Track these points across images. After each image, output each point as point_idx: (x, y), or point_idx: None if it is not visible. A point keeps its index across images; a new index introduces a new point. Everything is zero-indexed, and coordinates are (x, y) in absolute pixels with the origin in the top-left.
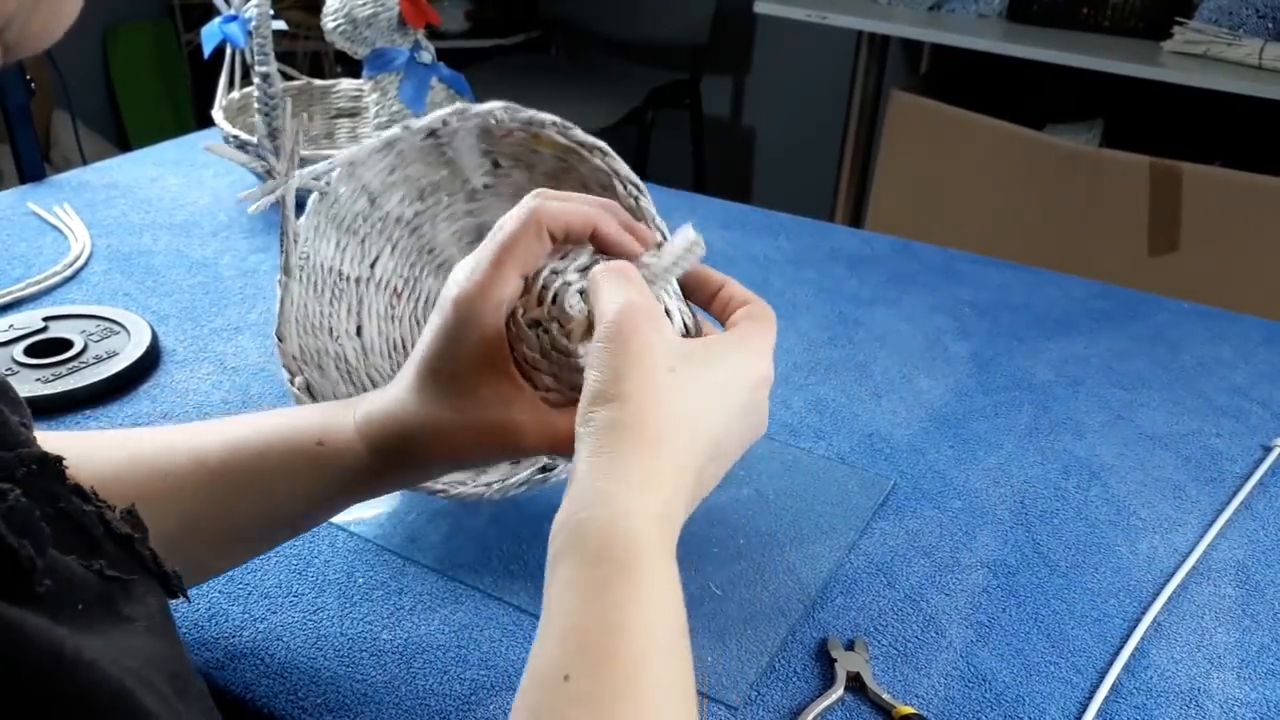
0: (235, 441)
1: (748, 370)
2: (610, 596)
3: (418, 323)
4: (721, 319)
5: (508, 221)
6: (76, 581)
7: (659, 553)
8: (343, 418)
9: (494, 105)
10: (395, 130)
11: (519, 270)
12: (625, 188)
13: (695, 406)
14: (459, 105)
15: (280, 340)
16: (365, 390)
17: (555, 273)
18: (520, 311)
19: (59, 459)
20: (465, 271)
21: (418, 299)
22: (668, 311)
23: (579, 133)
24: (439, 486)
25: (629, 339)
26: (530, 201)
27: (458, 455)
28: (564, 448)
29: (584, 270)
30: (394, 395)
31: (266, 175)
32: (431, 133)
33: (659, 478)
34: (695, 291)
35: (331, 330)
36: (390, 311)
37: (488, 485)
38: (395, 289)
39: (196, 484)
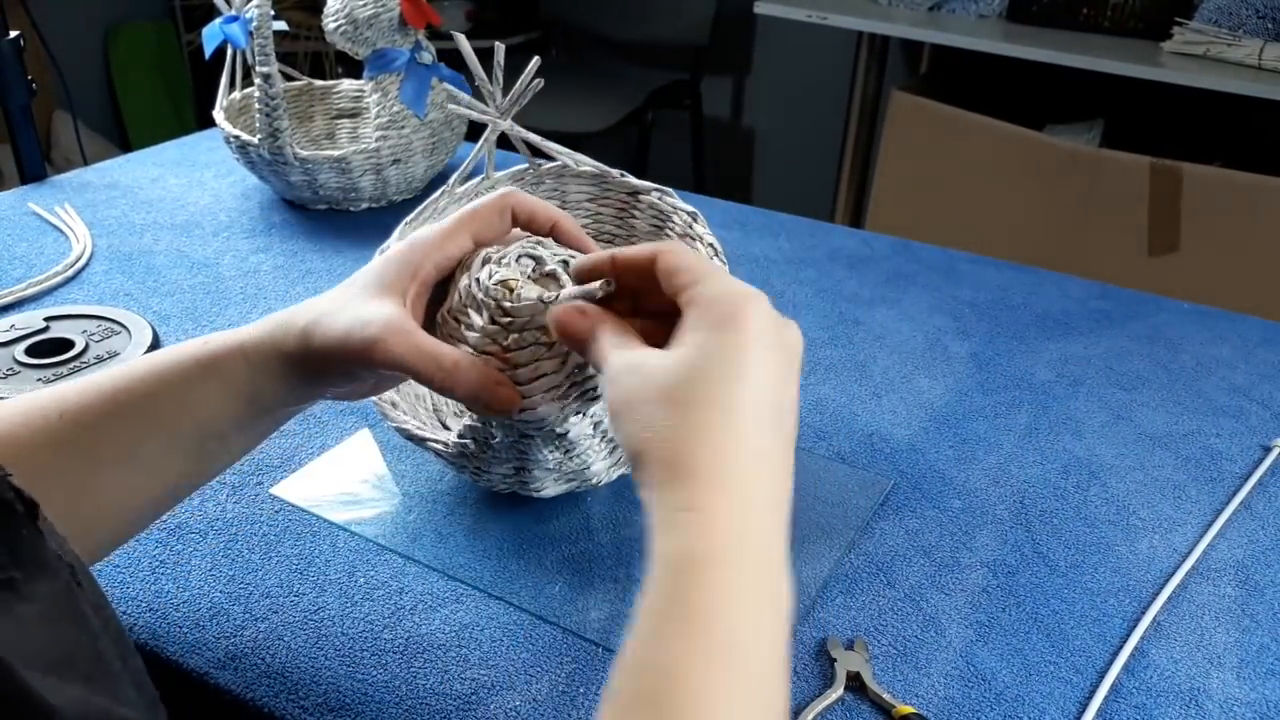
0: (109, 380)
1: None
2: (682, 651)
3: None
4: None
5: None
6: None
7: (741, 569)
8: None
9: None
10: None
11: (474, 234)
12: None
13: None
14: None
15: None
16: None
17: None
18: (469, 273)
19: None
20: (421, 232)
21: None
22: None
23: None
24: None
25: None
26: (504, 189)
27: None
28: (419, 360)
29: (534, 259)
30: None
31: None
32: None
33: (742, 490)
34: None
35: None
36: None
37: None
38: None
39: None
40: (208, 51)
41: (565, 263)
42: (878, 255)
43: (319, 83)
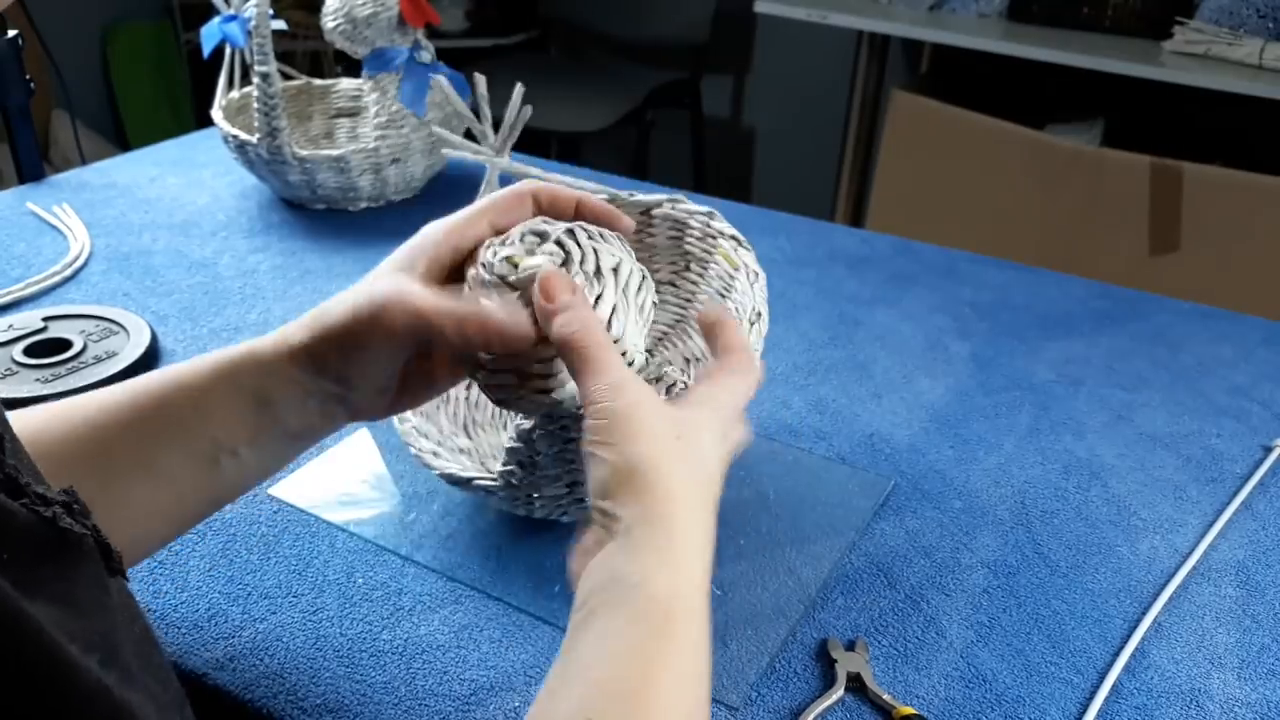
0: (143, 386)
1: (729, 407)
2: (651, 653)
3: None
4: (711, 351)
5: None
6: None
7: (699, 615)
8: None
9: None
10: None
11: (492, 221)
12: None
13: (700, 474)
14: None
15: None
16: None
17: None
18: (489, 253)
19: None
20: (439, 222)
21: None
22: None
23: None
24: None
25: (632, 417)
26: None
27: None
28: (433, 312)
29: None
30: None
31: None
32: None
33: (698, 545)
34: (700, 323)
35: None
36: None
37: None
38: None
39: (110, 424)
40: (206, 51)
41: (571, 231)
42: (878, 255)
43: (318, 82)
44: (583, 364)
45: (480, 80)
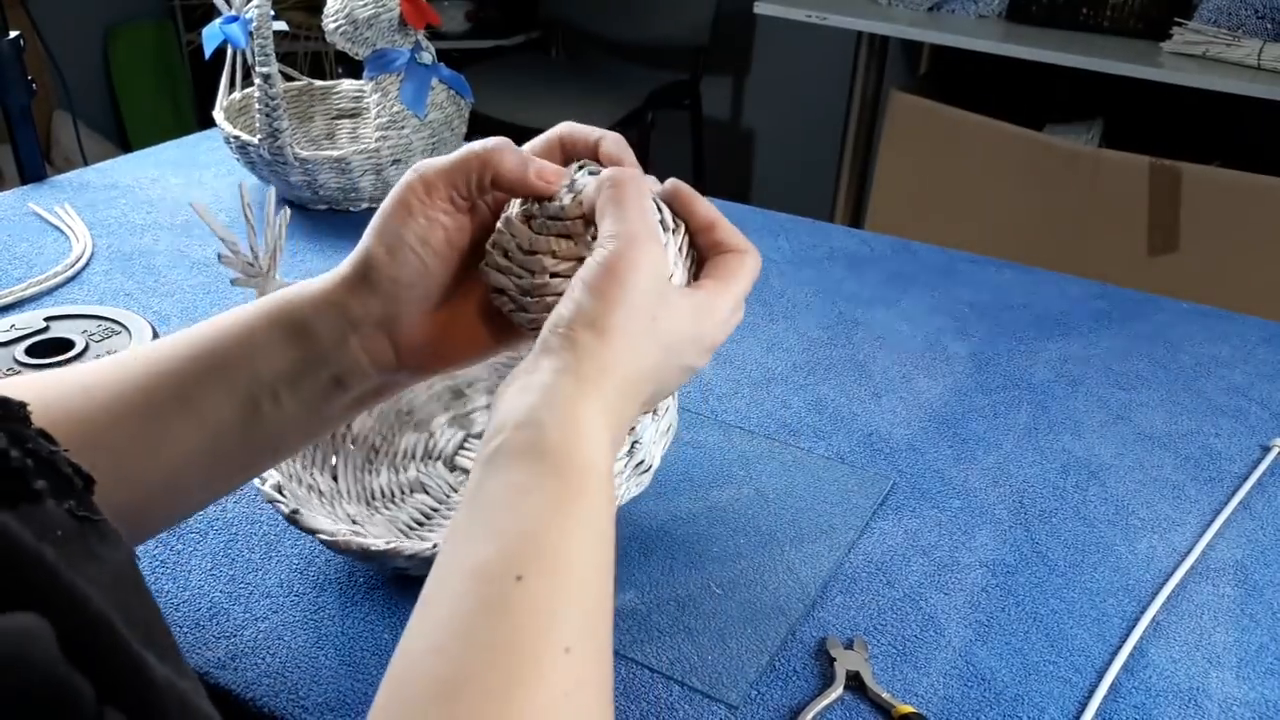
0: (161, 353)
1: (710, 336)
2: (569, 510)
3: (394, 473)
4: (705, 254)
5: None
6: (52, 516)
7: (609, 481)
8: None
9: None
10: None
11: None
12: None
13: (660, 359)
14: None
15: None
16: (337, 512)
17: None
18: (517, 207)
19: (23, 404)
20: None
21: (394, 454)
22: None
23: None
24: None
25: (629, 274)
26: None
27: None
28: (461, 158)
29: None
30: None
31: (240, 258)
32: None
33: (620, 416)
34: (688, 222)
35: (304, 464)
36: (367, 465)
37: None
38: (373, 445)
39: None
40: (208, 51)
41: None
42: (877, 255)
43: (319, 83)
44: (616, 203)
45: (244, 190)
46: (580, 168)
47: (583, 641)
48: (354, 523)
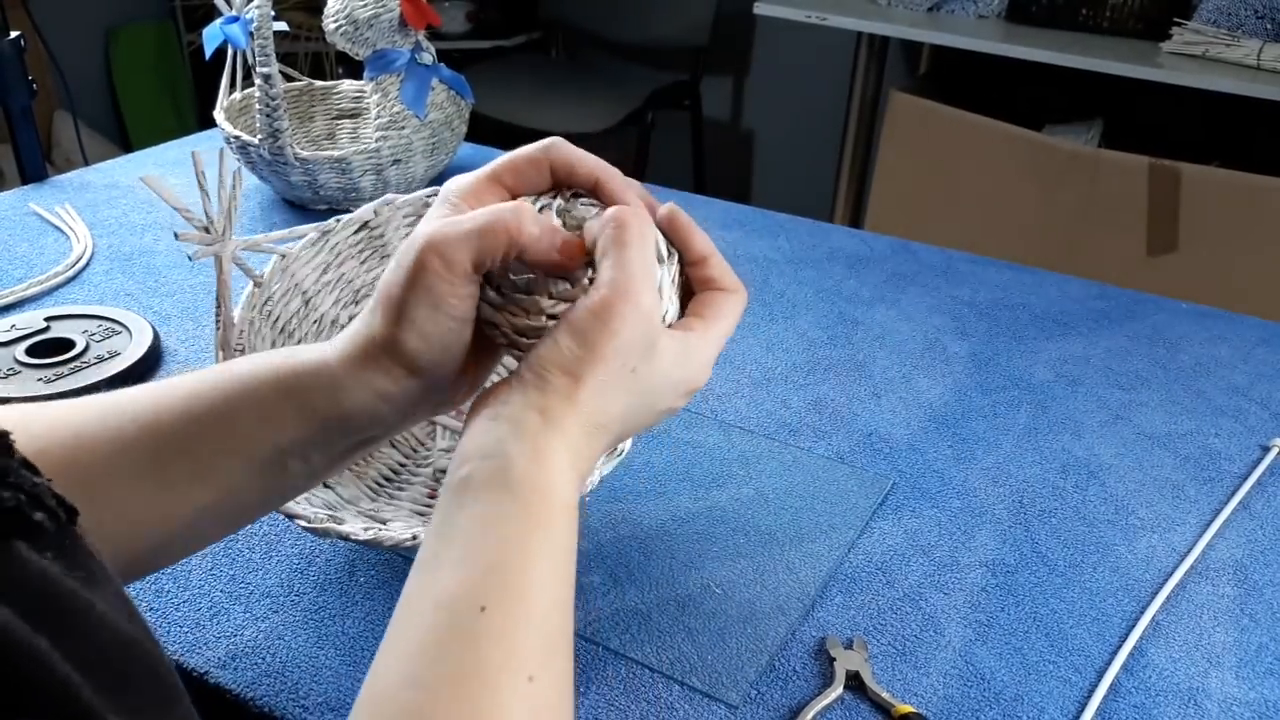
0: (190, 388)
1: (692, 380)
2: (533, 542)
3: None
4: (694, 287)
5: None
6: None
7: (573, 516)
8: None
9: (423, 192)
10: (329, 222)
11: (511, 186)
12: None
13: (634, 404)
14: (387, 196)
15: None
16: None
17: (547, 208)
18: None
19: (6, 433)
20: (460, 179)
21: None
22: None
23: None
24: None
25: (616, 326)
26: (550, 139)
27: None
28: (483, 223)
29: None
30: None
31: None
32: (363, 225)
33: (584, 455)
34: (682, 253)
35: None
36: None
37: None
38: None
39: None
40: (208, 52)
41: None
42: (877, 255)
43: (319, 83)
44: (618, 245)
45: (197, 158)
46: (573, 195)
47: (545, 670)
48: (325, 486)
